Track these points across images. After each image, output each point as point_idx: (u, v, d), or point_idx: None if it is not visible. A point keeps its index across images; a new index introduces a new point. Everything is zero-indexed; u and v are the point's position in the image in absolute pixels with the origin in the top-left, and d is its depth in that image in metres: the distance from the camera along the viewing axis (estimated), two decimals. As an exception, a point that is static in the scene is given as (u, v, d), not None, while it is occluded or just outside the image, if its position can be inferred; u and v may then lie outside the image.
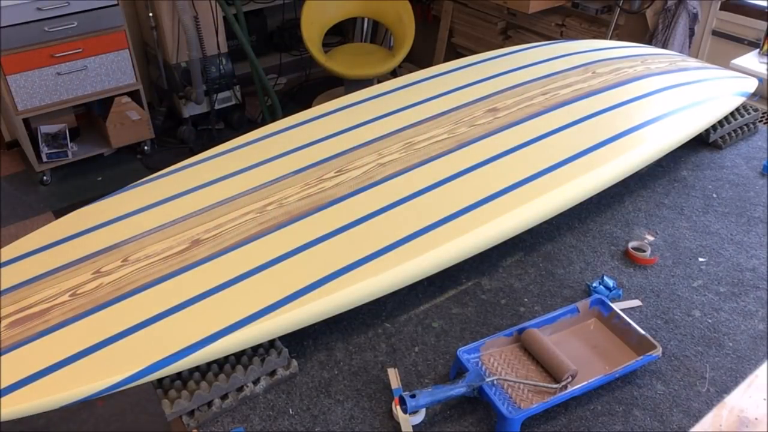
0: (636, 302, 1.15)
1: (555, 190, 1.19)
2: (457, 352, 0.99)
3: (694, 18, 2.79)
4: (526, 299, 1.16)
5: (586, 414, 0.96)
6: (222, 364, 0.98)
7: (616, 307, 1.09)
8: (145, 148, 3.39)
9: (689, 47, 2.87)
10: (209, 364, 0.98)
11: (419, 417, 0.94)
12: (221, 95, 3.45)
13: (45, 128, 3.12)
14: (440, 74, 1.60)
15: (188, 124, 3.46)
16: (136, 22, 3.40)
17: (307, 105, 1.62)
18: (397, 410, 0.94)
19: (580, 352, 1.04)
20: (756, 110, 1.69)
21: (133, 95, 3.20)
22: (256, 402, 0.98)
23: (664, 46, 2.84)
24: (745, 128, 1.66)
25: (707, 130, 1.58)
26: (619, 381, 1.00)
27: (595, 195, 1.30)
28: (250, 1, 3.58)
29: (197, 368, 0.98)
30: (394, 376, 1.01)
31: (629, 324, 1.05)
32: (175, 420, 0.94)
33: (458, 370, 0.99)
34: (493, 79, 1.57)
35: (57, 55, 2.88)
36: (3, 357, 0.89)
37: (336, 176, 1.22)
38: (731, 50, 2.73)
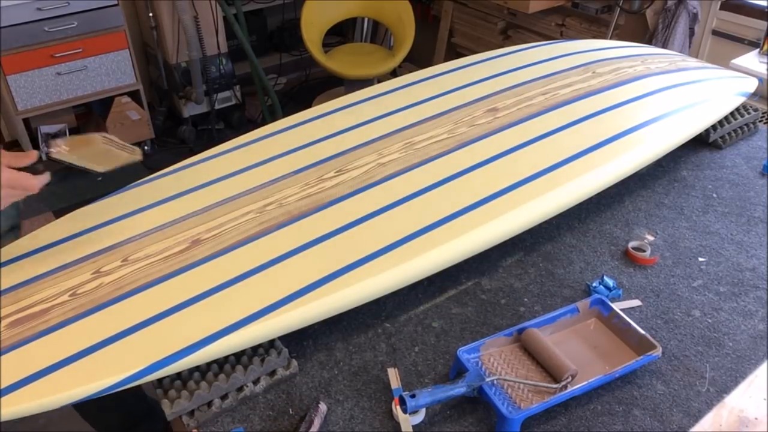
0: (636, 302, 1.15)
1: (555, 190, 1.19)
2: (457, 352, 0.99)
3: (694, 18, 2.79)
4: (526, 299, 1.16)
5: (586, 414, 0.96)
6: (222, 364, 0.98)
7: (616, 307, 1.09)
8: (145, 148, 3.39)
9: (689, 47, 2.87)
10: (209, 364, 0.98)
11: (419, 417, 0.94)
12: (221, 95, 3.45)
13: (45, 128, 3.13)
14: (440, 74, 1.60)
15: (188, 124, 3.46)
16: (136, 22, 3.40)
17: (307, 105, 1.62)
18: (397, 410, 0.94)
19: (580, 352, 1.04)
20: (756, 110, 1.69)
21: (133, 95, 3.20)
22: (256, 402, 0.98)
23: (664, 46, 2.84)
24: (745, 128, 1.66)
25: (707, 130, 1.58)
26: (619, 381, 1.00)
27: (595, 195, 1.30)
28: (250, 1, 3.58)
29: (197, 368, 0.98)
30: (394, 376, 1.01)
31: (629, 324, 1.05)
32: (175, 420, 0.94)
33: (458, 370, 0.99)
34: (493, 79, 1.57)
35: (57, 55, 2.88)
36: (3, 357, 0.89)
37: (336, 176, 1.22)
38: (731, 50, 2.73)
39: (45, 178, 1.01)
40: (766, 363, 1.04)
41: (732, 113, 1.65)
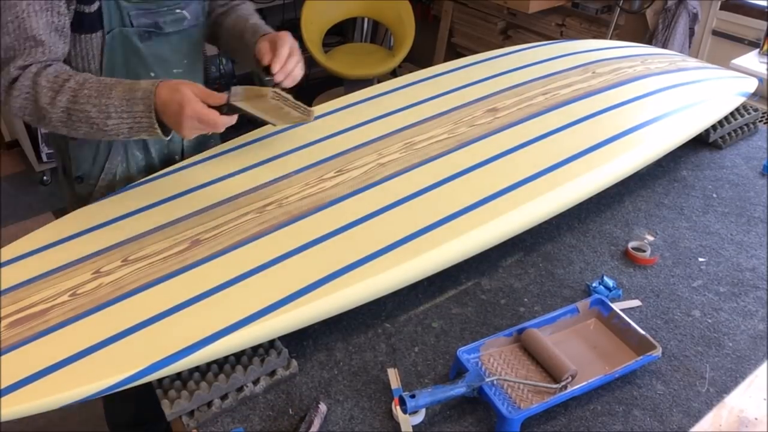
0: (636, 302, 1.15)
1: (555, 190, 1.19)
2: (457, 352, 0.99)
3: (694, 18, 2.79)
4: (526, 299, 1.16)
5: (586, 414, 0.96)
6: (222, 364, 0.98)
7: (616, 307, 1.09)
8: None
9: (689, 47, 2.87)
10: (209, 364, 0.98)
11: (419, 417, 0.94)
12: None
13: (45, 128, 3.12)
14: (440, 74, 1.60)
15: (188, 124, 3.46)
16: (136, 22, 3.39)
17: (307, 105, 1.63)
18: (397, 410, 0.94)
19: (580, 352, 1.04)
20: (756, 110, 1.69)
21: (133, 95, 3.19)
22: (256, 402, 0.98)
23: (664, 46, 2.84)
24: (745, 128, 1.66)
25: (707, 130, 1.58)
26: (619, 381, 1.00)
27: (595, 195, 1.30)
28: (249, 1, 3.58)
29: (197, 368, 0.98)
30: (394, 376, 1.01)
31: (629, 324, 1.05)
32: (175, 420, 0.94)
33: (458, 370, 0.99)
34: (493, 79, 1.56)
35: (57, 55, 2.87)
36: (3, 357, 0.89)
37: (336, 176, 1.22)
38: (731, 50, 2.73)
39: (231, 120, 1.07)
40: (766, 363, 1.04)
41: (732, 113, 1.65)
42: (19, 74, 1.07)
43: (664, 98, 1.49)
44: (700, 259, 1.26)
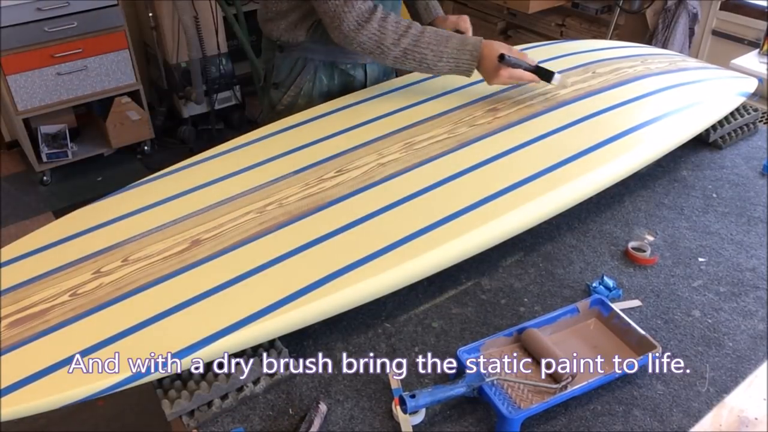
0: (636, 302, 1.15)
1: (555, 190, 1.19)
2: (457, 352, 0.99)
3: (694, 18, 2.79)
4: (526, 299, 1.16)
5: (586, 414, 0.96)
6: (222, 364, 0.98)
7: (616, 307, 1.09)
8: (145, 148, 3.39)
9: (689, 47, 2.88)
10: (209, 364, 0.98)
11: (419, 417, 0.94)
12: (221, 95, 3.45)
13: (45, 128, 3.13)
14: (440, 74, 1.60)
15: (188, 124, 3.46)
16: (136, 22, 3.40)
17: (308, 105, 1.66)
18: (397, 410, 0.94)
19: (580, 352, 1.04)
20: (756, 110, 1.69)
21: (133, 95, 3.20)
22: (256, 402, 0.98)
23: (664, 46, 2.84)
24: (745, 128, 1.66)
25: (707, 130, 1.58)
26: (619, 381, 1.00)
27: (595, 195, 1.30)
28: (250, 1, 3.58)
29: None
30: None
31: (629, 324, 1.05)
32: (175, 420, 0.94)
33: (458, 370, 0.99)
34: (493, 79, 1.56)
35: (57, 55, 2.88)
36: (3, 357, 0.89)
37: (336, 176, 1.22)
38: (731, 50, 2.73)
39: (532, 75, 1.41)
40: (766, 363, 1.04)
41: (732, 113, 1.65)
42: (368, 17, 1.29)
43: (664, 98, 1.49)
44: (700, 259, 1.26)
